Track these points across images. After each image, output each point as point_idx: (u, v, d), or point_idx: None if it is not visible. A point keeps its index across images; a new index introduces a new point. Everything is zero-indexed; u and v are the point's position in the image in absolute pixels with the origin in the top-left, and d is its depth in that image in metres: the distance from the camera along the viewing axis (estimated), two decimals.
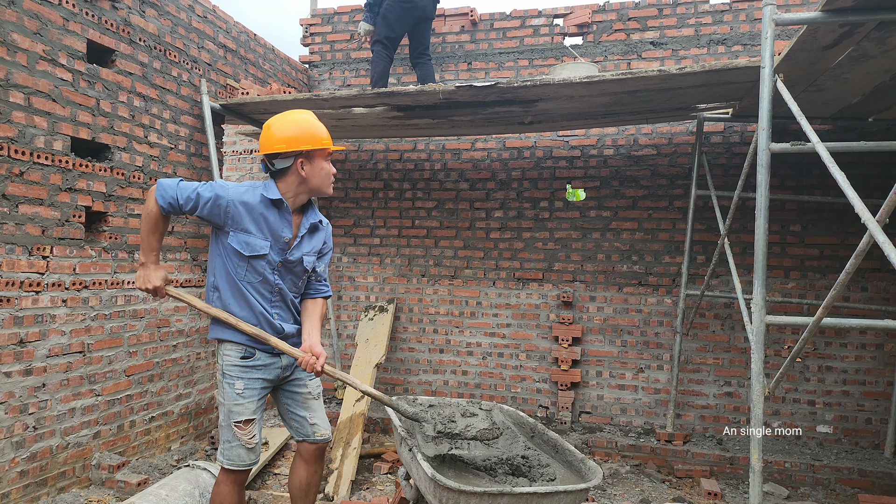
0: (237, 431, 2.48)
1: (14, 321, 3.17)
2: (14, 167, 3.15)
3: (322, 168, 2.53)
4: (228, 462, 2.50)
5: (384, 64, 5.07)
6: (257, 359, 2.51)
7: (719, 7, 5.00)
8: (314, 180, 2.53)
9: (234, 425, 2.48)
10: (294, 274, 2.59)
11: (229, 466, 2.50)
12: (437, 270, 5.63)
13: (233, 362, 2.50)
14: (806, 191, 4.79)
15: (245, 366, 2.50)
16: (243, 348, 2.50)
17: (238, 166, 7.03)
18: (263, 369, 2.53)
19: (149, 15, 4.03)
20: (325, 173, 2.55)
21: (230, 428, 2.48)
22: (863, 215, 2.24)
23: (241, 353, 2.50)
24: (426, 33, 5.18)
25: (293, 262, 2.55)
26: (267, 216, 2.49)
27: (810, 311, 4.62)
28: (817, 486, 4.26)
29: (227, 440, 2.50)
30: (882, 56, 3.08)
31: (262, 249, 2.47)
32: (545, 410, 5.32)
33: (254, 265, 2.49)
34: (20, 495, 3.21)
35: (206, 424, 4.68)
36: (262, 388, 2.56)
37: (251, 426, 2.51)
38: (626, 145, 5.22)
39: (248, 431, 2.50)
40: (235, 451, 2.49)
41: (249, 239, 2.46)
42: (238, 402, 2.48)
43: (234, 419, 2.47)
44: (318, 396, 2.73)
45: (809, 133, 2.63)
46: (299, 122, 2.53)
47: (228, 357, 2.51)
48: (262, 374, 2.53)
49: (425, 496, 2.49)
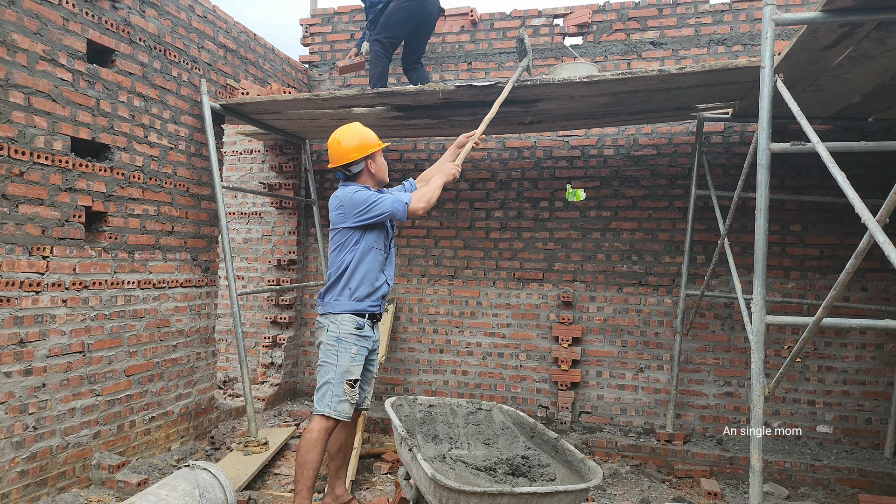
0: (347, 388, 3.09)
1: (14, 321, 3.17)
2: (14, 167, 3.15)
3: (382, 163, 3.34)
4: (336, 413, 3.08)
5: (383, 64, 5.04)
6: (366, 330, 3.20)
7: (719, 7, 5.00)
8: (381, 173, 3.33)
9: (346, 382, 3.08)
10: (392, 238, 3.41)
11: (336, 416, 3.09)
12: (437, 270, 5.63)
13: (349, 331, 3.14)
14: (806, 191, 4.79)
15: (358, 335, 3.16)
16: (360, 320, 3.17)
17: (238, 166, 7.03)
18: (367, 339, 3.22)
19: (149, 15, 4.03)
20: (384, 166, 3.37)
21: (342, 385, 3.08)
22: (863, 215, 2.24)
23: (356, 324, 3.16)
24: (423, 43, 5.16)
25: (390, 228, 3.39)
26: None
27: (810, 311, 4.62)
28: (817, 486, 4.26)
29: (336, 395, 3.08)
30: (882, 56, 3.08)
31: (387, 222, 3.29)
32: (545, 410, 5.32)
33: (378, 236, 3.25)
34: (20, 495, 3.21)
35: (205, 424, 4.68)
36: (368, 355, 3.25)
37: (357, 387, 3.16)
38: (626, 145, 5.22)
39: (354, 390, 3.14)
40: (343, 406, 3.09)
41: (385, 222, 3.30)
42: (353, 363, 3.12)
43: (348, 377, 3.10)
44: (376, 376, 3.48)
45: (809, 133, 2.63)
46: (359, 133, 3.26)
47: (346, 326, 3.14)
48: (367, 344, 3.21)
49: (425, 496, 2.49)
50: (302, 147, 5.85)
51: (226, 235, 4.43)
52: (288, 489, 3.92)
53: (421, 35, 5.13)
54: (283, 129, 5.39)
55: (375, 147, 3.27)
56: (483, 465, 2.86)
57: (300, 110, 4.65)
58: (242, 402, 5.17)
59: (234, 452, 4.19)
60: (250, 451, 4.15)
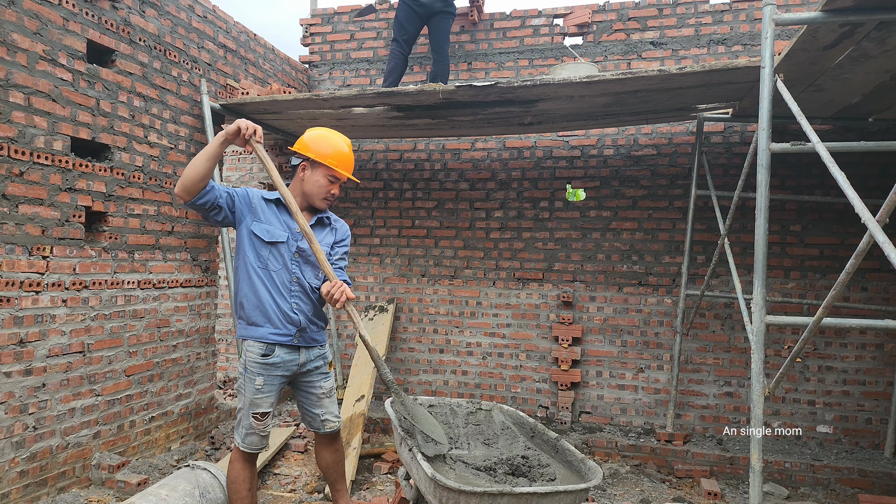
0: (254, 423, 2.78)
1: (14, 321, 3.17)
2: (14, 167, 3.15)
3: (319, 181, 2.83)
4: (245, 446, 2.82)
5: (395, 61, 5.12)
6: (276, 356, 2.77)
7: (719, 7, 5.00)
8: (307, 186, 2.84)
9: (252, 416, 2.77)
10: (310, 265, 2.83)
11: (245, 450, 2.82)
12: (437, 270, 5.63)
13: (254, 359, 2.76)
14: (806, 191, 4.79)
15: (265, 363, 2.76)
16: (264, 346, 2.76)
17: (238, 166, 7.04)
18: (282, 366, 2.80)
19: (149, 15, 4.03)
20: (321, 186, 2.83)
21: (249, 417, 2.77)
22: (863, 215, 2.24)
23: (262, 351, 2.75)
24: (437, 32, 5.14)
25: (306, 250, 2.80)
26: (277, 210, 2.84)
27: (810, 311, 4.62)
28: (817, 486, 4.26)
29: (245, 427, 2.80)
30: (882, 56, 3.08)
31: (281, 237, 2.78)
32: (545, 410, 5.32)
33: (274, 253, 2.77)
34: (20, 495, 3.21)
35: (205, 424, 4.68)
36: (280, 384, 2.84)
37: (267, 419, 2.82)
38: (626, 145, 5.22)
39: (265, 423, 2.81)
40: (251, 439, 2.81)
41: (269, 227, 2.79)
42: (258, 396, 2.76)
43: (253, 411, 2.77)
44: (330, 394, 3.00)
45: (809, 133, 2.63)
46: (321, 138, 2.87)
47: (250, 354, 2.77)
48: (280, 371, 2.80)
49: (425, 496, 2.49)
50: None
51: (226, 235, 4.44)
52: (288, 489, 3.92)
53: (432, 31, 5.15)
54: (283, 128, 5.39)
55: (318, 159, 2.79)
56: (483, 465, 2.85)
57: (300, 110, 4.65)
58: None
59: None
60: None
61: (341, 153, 2.87)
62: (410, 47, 5.19)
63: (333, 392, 3.03)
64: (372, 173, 5.83)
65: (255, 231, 2.78)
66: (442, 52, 5.12)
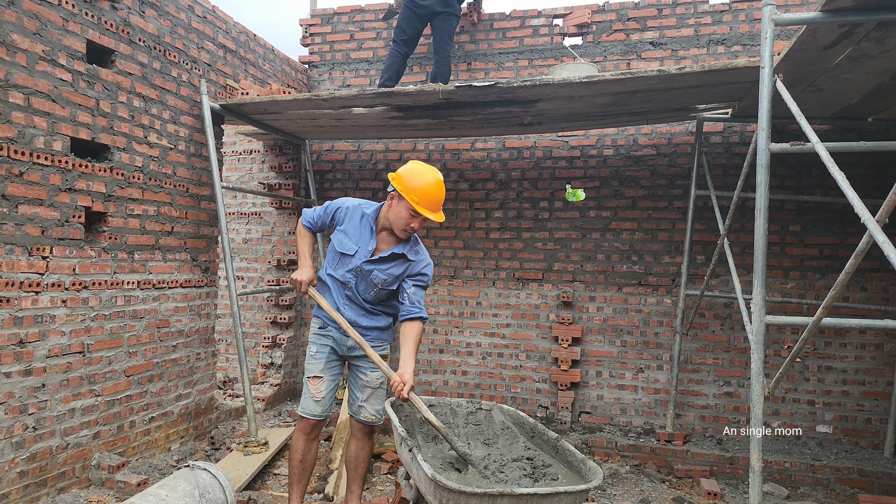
0: (309, 385, 3.11)
1: (14, 321, 3.17)
2: (14, 167, 3.15)
3: (401, 213, 2.98)
4: (300, 410, 3.14)
5: (391, 59, 5.12)
6: (329, 330, 3.16)
7: (719, 7, 5.01)
8: (391, 214, 3.03)
9: (307, 380, 3.12)
10: (366, 282, 3.08)
11: (301, 413, 3.13)
12: (436, 270, 5.63)
13: (313, 331, 3.20)
14: (805, 191, 4.79)
15: (319, 334, 3.17)
16: (321, 320, 3.18)
17: (238, 166, 7.03)
18: (332, 340, 3.15)
19: (148, 15, 4.03)
20: (401, 218, 2.99)
21: (306, 382, 3.13)
22: (862, 215, 2.24)
23: (319, 325, 3.19)
24: (439, 33, 5.11)
25: (366, 270, 3.05)
26: (361, 226, 3.10)
27: (810, 311, 4.63)
28: (817, 486, 4.26)
29: (303, 393, 3.14)
30: (881, 56, 3.08)
31: (350, 250, 3.07)
32: (545, 410, 5.32)
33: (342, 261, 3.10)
34: (20, 496, 3.21)
35: (205, 425, 4.68)
36: (330, 354, 3.16)
37: (319, 383, 3.12)
38: (625, 145, 5.22)
39: (316, 387, 3.11)
40: (306, 402, 3.12)
41: (345, 239, 3.10)
42: (310, 362, 3.16)
43: (307, 374, 3.14)
44: (379, 387, 3.20)
45: (809, 133, 2.63)
46: (415, 172, 2.98)
47: (312, 328, 3.22)
48: (330, 343, 3.15)
49: (425, 496, 2.49)
50: (302, 147, 5.85)
51: (225, 236, 4.43)
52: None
53: (434, 31, 5.14)
54: (282, 129, 5.39)
55: (404, 194, 2.93)
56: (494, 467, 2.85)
57: (300, 110, 4.65)
58: (242, 402, 5.17)
59: (233, 453, 4.19)
60: (250, 452, 4.15)
61: (428, 191, 2.95)
62: (410, 48, 5.17)
63: (382, 387, 3.19)
64: (372, 173, 5.83)
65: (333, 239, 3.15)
66: (443, 52, 5.12)
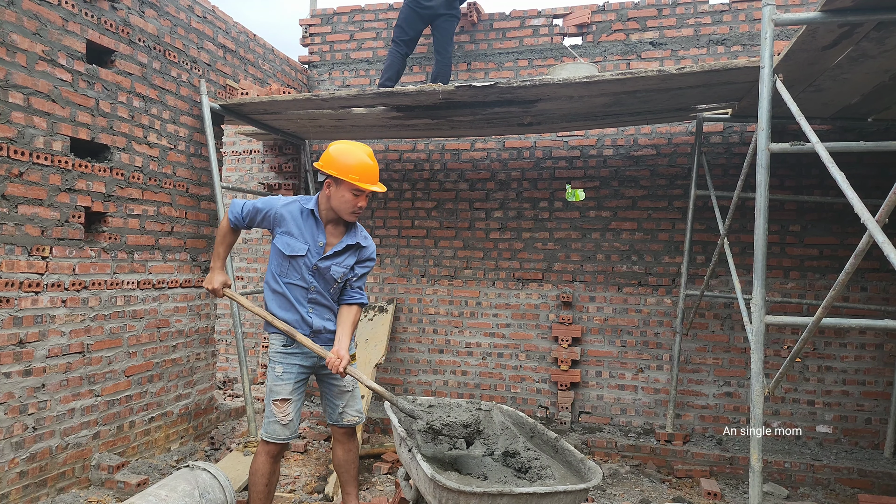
0: (274, 409, 2.90)
1: (13, 321, 3.17)
2: (13, 167, 3.15)
3: (344, 196, 2.84)
4: (266, 435, 2.92)
5: (391, 59, 5.12)
6: (296, 347, 2.93)
7: (718, 7, 5.00)
8: (334, 202, 2.88)
9: (272, 403, 2.91)
10: (325, 280, 2.94)
11: (266, 439, 2.92)
12: (436, 271, 5.63)
13: (276, 349, 2.95)
14: (805, 191, 4.79)
15: (284, 352, 2.94)
16: (285, 337, 2.92)
17: (238, 166, 7.03)
18: (301, 356, 2.95)
19: (148, 15, 4.03)
20: (347, 202, 2.85)
21: (270, 405, 2.92)
22: (862, 215, 2.24)
23: (283, 342, 2.94)
24: (441, 34, 5.11)
25: (323, 268, 2.91)
26: (305, 222, 2.91)
27: (810, 311, 4.62)
28: (817, 486, 4.26)
29: (267, 416, 2.93)
30: (881, 56, 3.08)
31: (300, 251, 2.87)
32: (545, 410, 5.32)
33: (293, 265, 2.89)
34: (20, 496, 3.21)
35: (205, 425, 4.68)
36: (300, 373, 2.97)
37: (287, 405, 2.91)
38: (625, 145, 5.22)
39: (284, 410, 2.91)
40: (272, 427, 2.91)
41: (291, 241, 2.89)
42: (277, 383, 2.92)
43: (273, 397, 2.91)
44: (352, 389, 3.11)
45: (809, 133, 2.63)
46: (344, 152, 2.86)
47: (273, 345, 2.96)
48: (299, 361, 2.95)
49: (425, 496, 2.49)
50: (301, 147, 5.85)
51: None
52: (288, 489, 3.92)
53: (435, 32, 5.14)
54: (282, 129, 5.39)
55: (341, 176, 2.80)
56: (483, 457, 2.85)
57: (300, 110, 4.65)
58: (242, 402, 5.17)
59: (233, 453, 4.19)
60: (250, 452, 4.15)
61: (363, 165, 2.84)
62: (410, 49, 5.18)
63: (356, 388, 3.12)
64: None
65: (277, 244, 2.92)
66: (444, 53, 5.12)
